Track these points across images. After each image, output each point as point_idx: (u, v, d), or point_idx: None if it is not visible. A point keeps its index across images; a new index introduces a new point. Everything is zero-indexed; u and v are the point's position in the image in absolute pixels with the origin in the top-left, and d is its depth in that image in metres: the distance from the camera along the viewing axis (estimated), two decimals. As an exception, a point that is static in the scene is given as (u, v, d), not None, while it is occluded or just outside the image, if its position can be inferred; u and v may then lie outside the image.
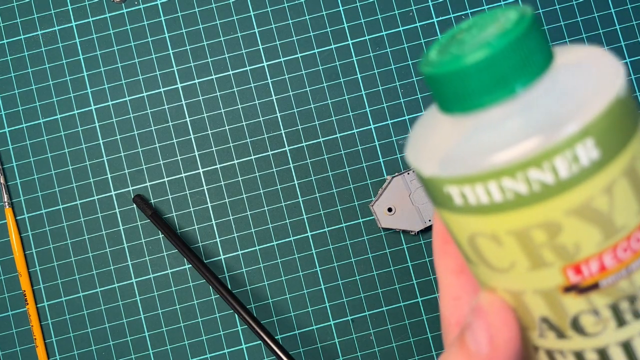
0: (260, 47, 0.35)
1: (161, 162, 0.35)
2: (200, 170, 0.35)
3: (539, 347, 0.19)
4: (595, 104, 0.16)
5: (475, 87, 0.16)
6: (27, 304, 0.34)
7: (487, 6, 0.35)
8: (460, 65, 0.16)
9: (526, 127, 0.16)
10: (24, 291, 0.34)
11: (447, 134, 0.18)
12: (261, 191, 0.35)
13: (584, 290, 0.17)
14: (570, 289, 0.17)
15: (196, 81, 0.35)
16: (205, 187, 0.35)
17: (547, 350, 0.18)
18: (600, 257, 0.16)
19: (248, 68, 0.35)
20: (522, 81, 0.16)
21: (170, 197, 0.35)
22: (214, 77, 0.35)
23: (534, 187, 0.16)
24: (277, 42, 0.35)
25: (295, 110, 0.35)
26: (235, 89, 0.35)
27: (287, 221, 0.35)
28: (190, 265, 0.34)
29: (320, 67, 0.35)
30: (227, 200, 0.35)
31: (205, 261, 0.35)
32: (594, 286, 0.17)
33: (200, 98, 0.35)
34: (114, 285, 0.34)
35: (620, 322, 0.17)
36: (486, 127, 0.16)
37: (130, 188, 0.35)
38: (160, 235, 0.35)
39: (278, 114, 0.35)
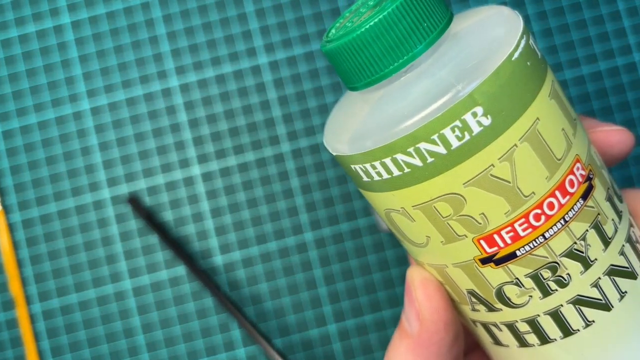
0: (257, 44, 0.35)
1: (156, 162, 0.35)
2: (196, 171, 0.35)
3: (475, 320, 0.19)
4: (482, 69, 0.15)
5: (369, 57, 0.16)
6: (18, 308, 0.34)
7: (489, 4, 0.35)
8: (355, 34, 0.16)
9: (416, 98, 0.15)
10: (15, 295, 0.34)
11: (356, 112, 0.17)
12: (259, 192, 0.34)
13: (501, 261, 0.16)
14: (486, 260, 0.17)
15: (192, 80, 0.35)
16: (201, 188, 0.35)
17: (483, 323, 0.18)
18: (512, 226, 0.16)
19: (245, 66, 0.35)
20: (414, 49, 0.16)
21: (165, 198, 0.34)
22: (210, 75, 0.35)
23: (428, 160, 0.15)
24: (275, 40, 0.35)
25: (293, 109, 0.35)
26: (231, 88, 0.35)
27: (286, 223, 0.34)
28: (186, 268, 0.34)
29: (319, 66, 0.35)
30: (223, 201, 0.34)
31: (201, 263, 0.34)
32: (511, 256, 0.16)
33: (197, 97, 0.35)
34: (108, 287, 0.34)
35: (545, 291, 0.17)
36: (385, 101, 0.16)
37: (125, 189, 0.35)
38: (155, 238, 0.34)
39: (275, 114, 0.35)
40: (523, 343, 0.18)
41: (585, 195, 0.16)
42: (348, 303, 0.34)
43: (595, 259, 0.17)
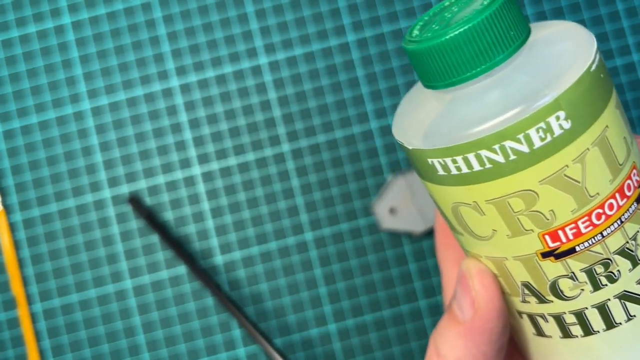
0: (257, 45, 0.35)
1: (157, 162, 0.35)
2: (197, 171, 0.35)
3: (522, 312, 0.20)
4: (567, 77, 0.16)
5: (455, 62, 0.17)
6: (19, 307, 0.34)
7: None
8: (441, 40, 0.17)
9: (502, 100, 0.17)
10: (16, 295, 0.34)
11: (430, 108, 0.18)
12: (259, 192, 0.35)
13: (560, 255, 0.18)
14: (548, 254, 0.18)
15: (192, 80, 0.35)
16: (202, 188, 0.35)
17: (530, 314, 0.19)
18: (576, 223, 0.17)
19: (245, 66, 0.35)
20: (499, 56, 0.17)
21: (166, 198, 0.35)
22: (210, 75, 0.35)
23: (510, 157, 0.17)
24: (275, 40, 0.35)
25: (293, 109, 0.35)
26: (232, 88, 0.35)
27: (286, 223, 0.34)
28: (186, 268, 0.34)
29: (319, 66, 0.35)
30: (224, 201, 0.34)
31: (201, 263, 0.34)
32: (570, 251, 0.18)
33: (197, 97, 0.35)
34: (108, 287, 0.34)
35: (596, 285, 0.18)
36: (466, 101, 0.17)
37: (125, 189, 0.35)
38: (156, 237, 0.34)
39: (276, 114, 0.35)
40: (567, 334, 0.19)
41: (638, 199, 0.18)
42: (348, 303, 0.34)
43: None
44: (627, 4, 0.35)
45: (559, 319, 0.19)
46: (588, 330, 0.19)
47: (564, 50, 0.17)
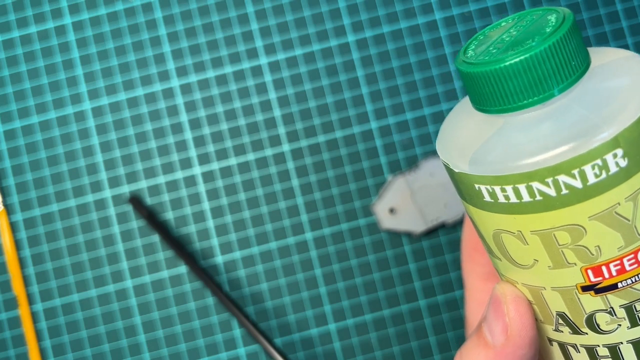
0: (258, 45, 0.35)
1: (157, 162, 0.35)
2: (197, 171, 0.35)
3: (553, 340, 0.19)
4: (627, 114, 0.16)
5: (512, 89, 0.17)
6: (20, 307, 0.34)
7: (490, 3, 0.35)
8: (500, 66, 0.17)
9: (559, 132, 0.16)
10: (17, 294, 0.34)
11: (479, 132, 0.18)
12: (259, 192, 0.35)
13: (601, 290, 0.17)
14: (588, 288, 0.18)
15: (193, 80, 0.35)
16: (202, 188, 0.35)
17: (561, 343, 0.19)
18: (621, 260, 0.17)
19: (245, 67, 0.35)
20: (558, 85, 0.17)
21: (166, 197, 0.35)
22: (211, 75, 0.35)
23: (562, 192, 0.16)
24: (275, 41, 0.35)
25: (294, 109, 0.35)
26: (232, 88, 0.35)
27: (286, 223, 0.34)
28: (186, 268, 0.34)
29: (319, 66, 0.35)
30: (224, 201, 0.35)
31: (202, 263, 0.34)
32: (612, 287, 0.17)
33: (197, 97, 0.35)
34: (109, 286, 0.34)
35: (634, 322, 0.18)
36: (519, 129, 0.17)
37: (126, 189, 0.35)
38: (156, 237, 0.34)
39: (276, 114, 0.35)
40: None
41: None
42: (348, 302, 0.34)
43: None
44: (626, 5, 0.35)
45: (591, 351, 0.19)
46: None
47: (623, 84, 0.17)
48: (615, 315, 0.18)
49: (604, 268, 0.17)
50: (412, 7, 0.35)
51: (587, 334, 0.18)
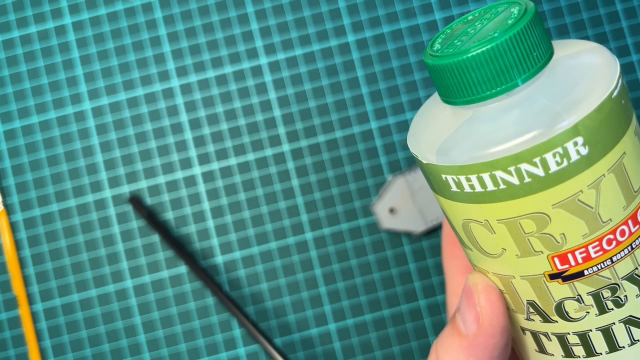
0: (258, 45, 0.35)
1: (157, 162, 0.35)
2: (197, 171, 0.35)
3: (526, 329, 0.20)
4: (587, 103, 0.16)
5: (476, 80, 0.17)
6: (20, 307, 0.34)
7: (490, 3, 0.35)
8: (463, 58, 0.17)
9: (521, 122, 0.16)
10: (17, 294, 0.34)
11: (447, 124, 0.18)
12: (259, 192, 0.35)
13: (568, 278, 0.18)
14: (555, 276, 0.18)
15: (193, 80, 0.35)
16: (202, 188, 0.35)
17: (533, 332, 0.19)
18: (586, 248, 0.17)
19: (245, 67, 0.35)
20: (521, 76, 0.17)
21: (166, 197, 0.35)
22: (211, 75, 0.35)
23: (525, 180, 0.17)
24: (275, 40, 0.35)
25: (294, 109, 0.35)
26: (232, 88, 0.35)
27: (286, 223, 0.34)
28: (186, 268, 0.34)
29: (319, 66, 0.35)
30: (224, 201, 0.35)
31: (202, 263, 0.34)
32: (579, 274, 0.18)
33: (197, 97, 0.35)
34: (109, 286, 0.34)
35: (602, 309, 0.18)
36: (484, 120, 0.17)
37: (126, 189, 0.35)
38: (156, 237, 0.34)
39: (276, 114, 0.35)
40: (569, 354, 0.19)
41: None
42: (348, 302, 0.34)
43: None
44: (626, 5, 0.35)
45: (562, 338, 0.19)
46: (591, 352, 0.19)
47: (586, 74, 0.17)
48: (583, 302, 0.18)
49: (569, 255, 0.17)
50: (412, 7, 0.35)
51: (557, 322, 0.19)
